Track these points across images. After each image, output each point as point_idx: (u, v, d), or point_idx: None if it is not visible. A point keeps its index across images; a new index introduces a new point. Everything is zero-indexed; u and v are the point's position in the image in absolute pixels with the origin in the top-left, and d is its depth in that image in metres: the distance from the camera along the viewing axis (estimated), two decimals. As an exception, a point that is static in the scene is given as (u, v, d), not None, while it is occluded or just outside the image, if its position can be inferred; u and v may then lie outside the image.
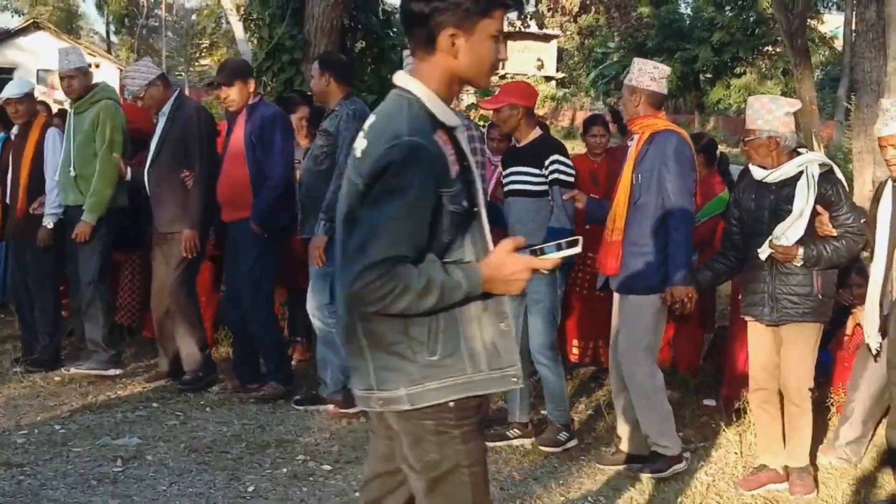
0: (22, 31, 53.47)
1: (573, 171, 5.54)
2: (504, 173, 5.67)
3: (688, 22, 44.46)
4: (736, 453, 5.49)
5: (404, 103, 2.66)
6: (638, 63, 5.19)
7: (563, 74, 56.77)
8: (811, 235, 4.77)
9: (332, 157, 5.96)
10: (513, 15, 22.13)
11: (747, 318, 5.07)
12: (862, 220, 4.88)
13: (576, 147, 9.91)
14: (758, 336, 5.02)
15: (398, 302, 2.54)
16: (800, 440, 4.96)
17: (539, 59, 55.30)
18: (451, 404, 2.66)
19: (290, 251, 6.81)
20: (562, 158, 5.48)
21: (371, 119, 2.74)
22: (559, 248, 2.71)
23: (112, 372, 6.90)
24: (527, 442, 5.65)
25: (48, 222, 6.93)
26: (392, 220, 2.53)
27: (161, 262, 6.73)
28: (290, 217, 6.36)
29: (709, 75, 45.62)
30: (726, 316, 6.96)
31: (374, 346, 2.68)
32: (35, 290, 7.14)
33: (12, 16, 59.22)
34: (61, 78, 6.86)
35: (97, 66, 8.69)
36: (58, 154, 6.96)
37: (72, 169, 6.76)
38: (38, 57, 52.31)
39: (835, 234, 4.76)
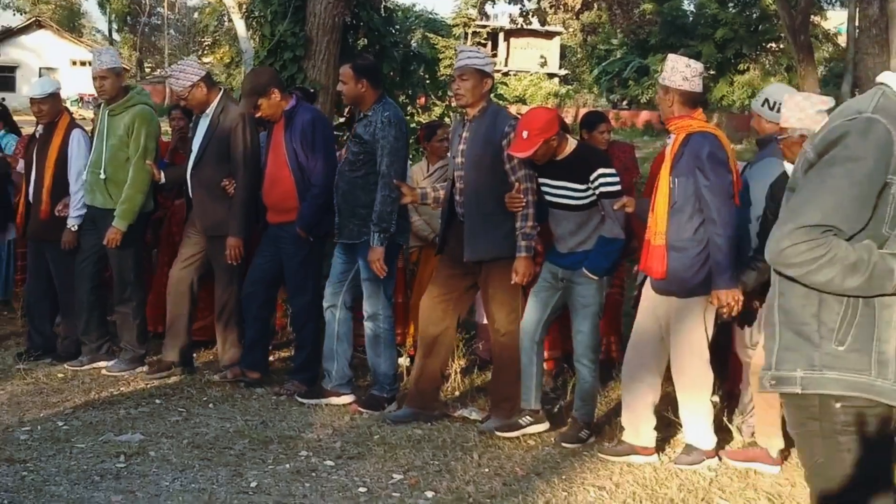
0: (24, 30, 53.62)
1: (618, 180, 5.45)
2: (542, 182, 5.59)
3: (691, 18, 44.39)
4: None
5: (878, 92, 2.61)
6: (670, 61, 5.07)
7: (566, 71, 56.73)
8: None
9: (369, 165, 5.95)
10: (515, 11, 22.11)
11: None
12: None
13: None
14: None
15: (822, 271, 2.46)
16: None
17: (542, 56, 55.34)
18: (838, 406, 2.57)
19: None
20: (606, 171, 5.40)
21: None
22: None
23: (139, 370, 6.91)
24: (541, 427, 5.65)
25: (72, 225, 6.92)
26: (835, 188, 2.46)
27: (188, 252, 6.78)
28: (332, 221, 6.27)
29: (712, 72, 45.55)
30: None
31: (785, 323, 2.63)
32: (60, 289, 7.14)
33: (14, 14, 59.32)
34: (94, 78, 6.80)
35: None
36: (83, 157, 6.94)
37: (102, 171, 6.75)
38: (40, 55, 52.47)
39: None
